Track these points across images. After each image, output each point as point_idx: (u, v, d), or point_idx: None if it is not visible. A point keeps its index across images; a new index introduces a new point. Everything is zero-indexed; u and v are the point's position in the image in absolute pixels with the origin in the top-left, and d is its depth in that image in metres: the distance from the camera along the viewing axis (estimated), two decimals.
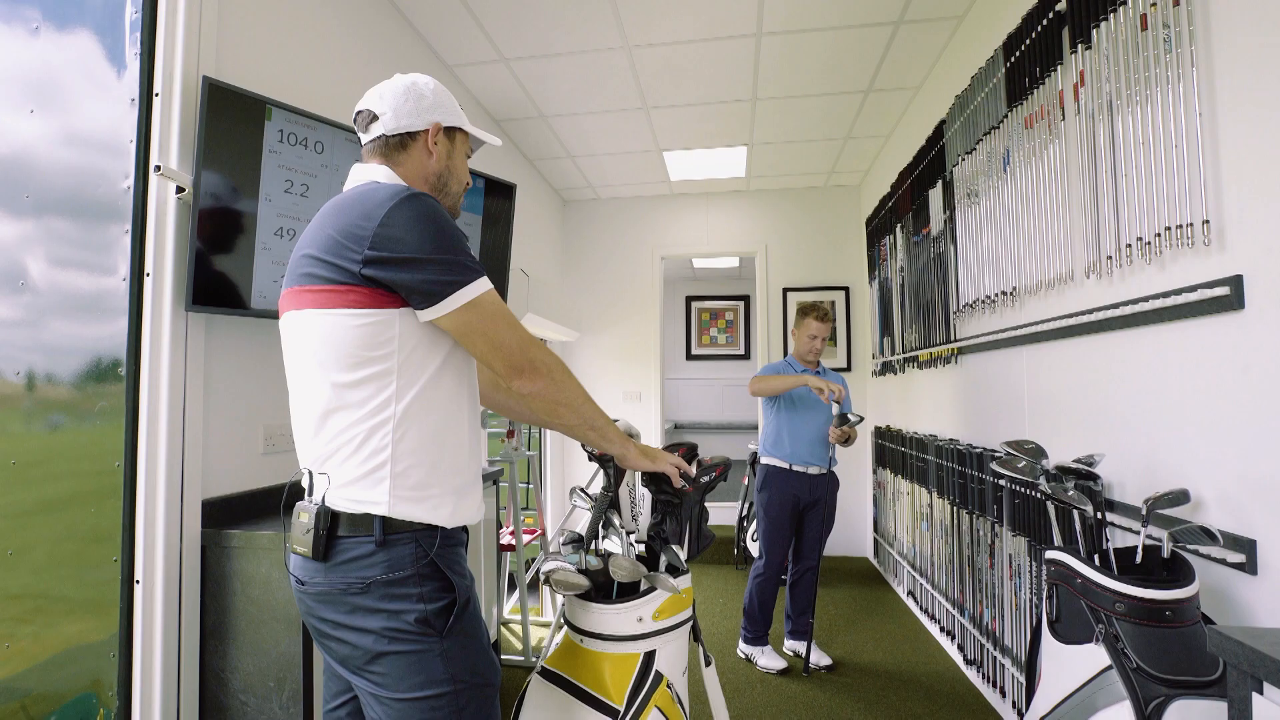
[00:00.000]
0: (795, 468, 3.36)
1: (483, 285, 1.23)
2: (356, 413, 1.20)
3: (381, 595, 1.19)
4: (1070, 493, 1.66)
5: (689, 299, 8.94)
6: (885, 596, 4.41)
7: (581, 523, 5.03)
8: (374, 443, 1.20)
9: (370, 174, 1.34)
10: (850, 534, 5.34)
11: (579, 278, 5.94)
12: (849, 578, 4.83)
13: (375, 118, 1.37)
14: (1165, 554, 1.55)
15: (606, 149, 4.81)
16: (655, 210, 5.89)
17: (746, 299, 8.80)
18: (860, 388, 5.36)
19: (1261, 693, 1.03)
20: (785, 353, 5.53)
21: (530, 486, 4.17)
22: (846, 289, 5.51)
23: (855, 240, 5.53)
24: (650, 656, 1.44)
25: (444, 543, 1.25)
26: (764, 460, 3.48)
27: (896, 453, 4.40)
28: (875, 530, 5.10)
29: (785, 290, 5.60)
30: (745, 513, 5.08)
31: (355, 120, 1.40)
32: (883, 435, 4.78)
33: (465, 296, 1.20)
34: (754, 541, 4.84)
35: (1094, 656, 1.49)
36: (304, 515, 1.22)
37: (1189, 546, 1.61)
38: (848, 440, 3.30)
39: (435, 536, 1.24)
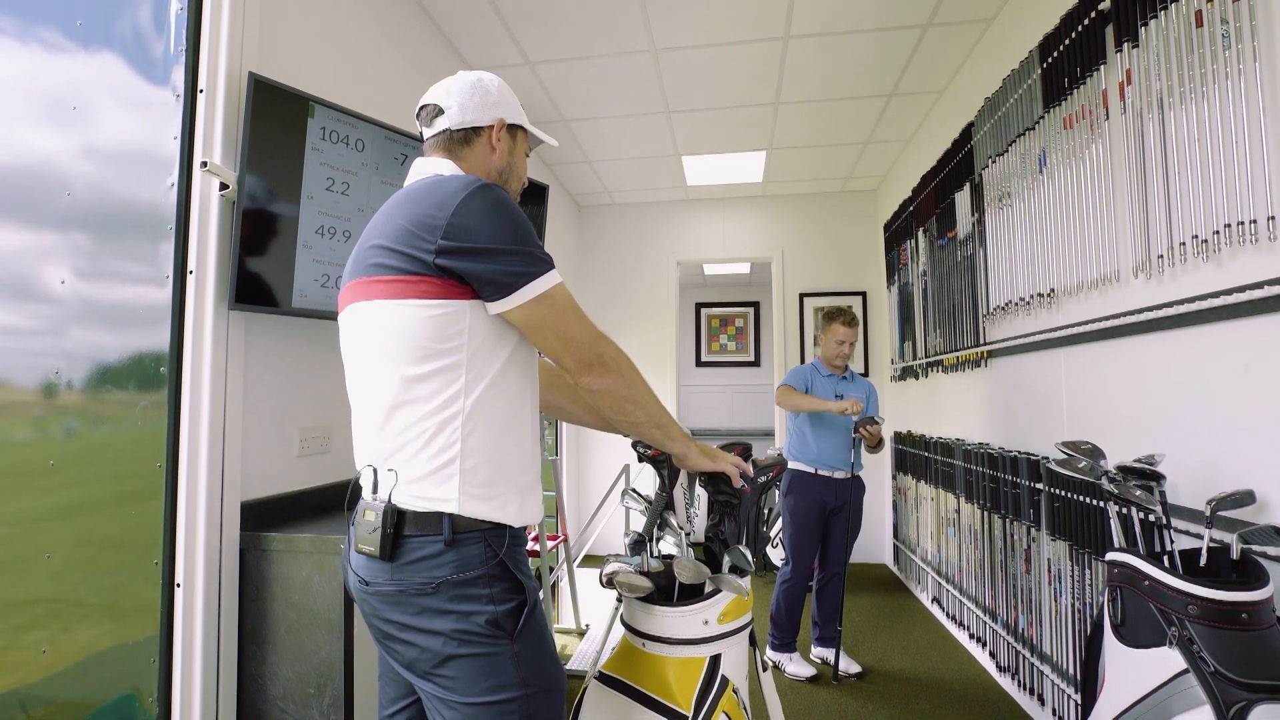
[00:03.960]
0: (821, 472, 3.35)
1: (554, 278, 1.21)
2: (425, 406, 1.18)
3: (451, 596, 1.15)
4: (1137, 493, 1.63)
5: (698, 305, 8.91)
6: (908, 603, 4.37)
7: (604, 520, 4.98)
8: (443, 438, 1.17)
9: (434, 167, 1.32)
10: (870, 540, 5.29)
11: (594, 283, 5.92)
12: (870, 585, 4.78)
13: (440, 112, 1.36)
14: (1235, 555, 1.52)
15: (626, 153, 4.80)
16: (671, 215, 5.87)
17: (756, 305, 8.77)
18: (879, 393, 5.31)
19: None
20: (802, 358, 5.50)
21: (551, 494, 4.13)
22: (864, 294, 5.49)
23: (873, 245, 5.52)
24: (716, 660, 1.40)
25: (511, 542, 1.22)
26: (790, 465, 3.45)
27: (919, 458, 4.37)
28: (895, 536, 5.06)
29: (802, 295, 5.58)
30: (766, 518, 5.05)
31: (419, 115, 1.39)
32: (903, 440, 4.75)
33: (538, 288, 1.18)
34: (774, 548, 4.81)
35: (1166, 660, 1.45)
36: (370, 514, 1.19)
37: (1257, 548, 1.58)
38: (879, 444, 3.30)
39: (504, 536, 1.21)
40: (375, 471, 1.23)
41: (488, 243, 1.15)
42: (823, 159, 4.91)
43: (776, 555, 4.61)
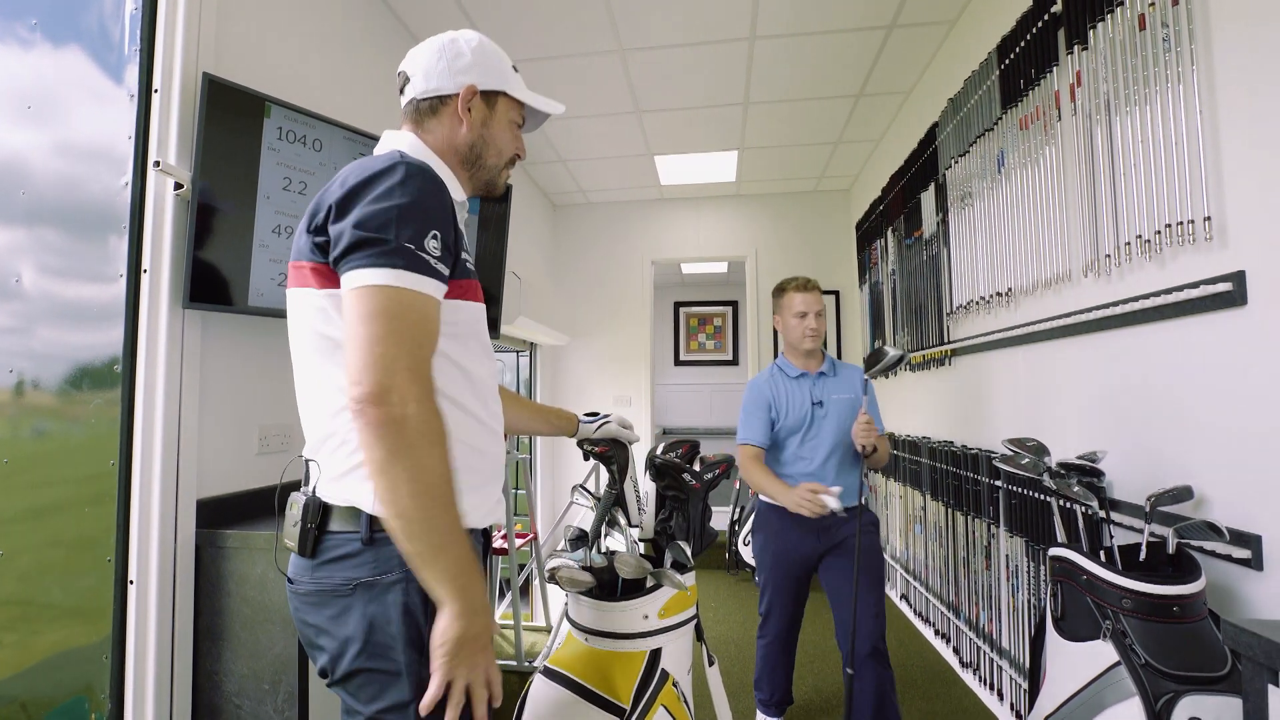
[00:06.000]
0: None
1: (399, 277, 1.01)
2: (342, 399, 1.07)
3: (367, 600, 1.07)
4: (1075, 488, 1.66)
5: (677, 305, 8.95)
6: None
7: (578, 518, 4.99)
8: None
9: (393, 141, 1.22)
10: None
11: (569, 282, 5.93)
12: None
13: (408, 80, 1.24)
14: (1170, 550, 1.56)
15: (598, 153, 4.81)
16: (646, 215, 5.89)
17: (734, 304, 8.82)
18: None
19: (1277, 684, 1.03)
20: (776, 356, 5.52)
21: (522, 492, 4.14)
22: (836, 293, 5.53)
23: (845, 244, 5.56)
24: (656, 655, 1.42)
25: None
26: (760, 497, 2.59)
27: (889, 456, 4.40)
28: None
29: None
30: (736, 517, 5.07)
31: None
32: None
33: (366, 279, 1.00)
34: (745, 546, 4.82)
35: (1101, 653, 1.48)
36: (295, 506, 1.12)
37: (1193, 543, 1.61)
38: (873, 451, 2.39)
39: None
40: (307, 463, 1.17)
41: (352, 218, 1.02)
42: (794, 159, 4.95)
43: (748, 554, 4.62)
